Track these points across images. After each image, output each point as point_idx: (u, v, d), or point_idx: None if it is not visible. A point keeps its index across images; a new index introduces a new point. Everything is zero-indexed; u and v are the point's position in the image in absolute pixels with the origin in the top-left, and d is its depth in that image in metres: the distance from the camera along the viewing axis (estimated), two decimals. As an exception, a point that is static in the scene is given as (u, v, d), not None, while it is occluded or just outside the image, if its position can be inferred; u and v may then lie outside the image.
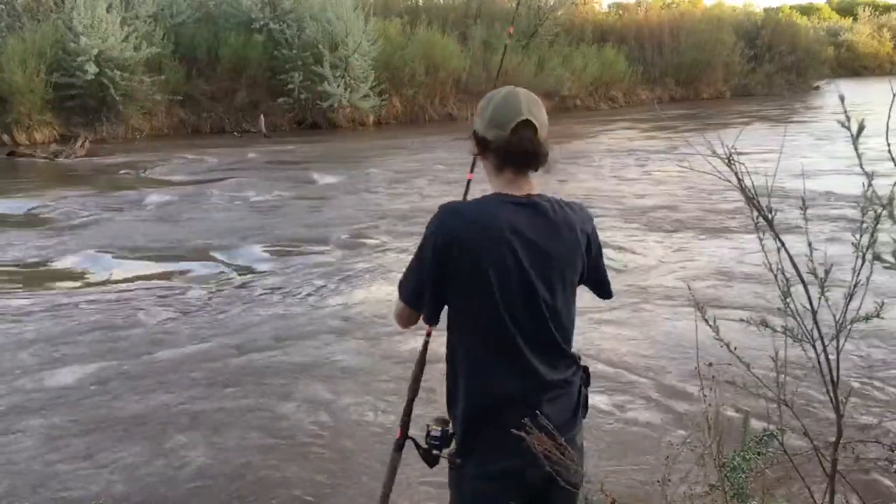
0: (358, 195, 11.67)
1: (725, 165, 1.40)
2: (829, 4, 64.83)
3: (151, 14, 22.67)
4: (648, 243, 8.06)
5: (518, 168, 1.76)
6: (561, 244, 1.76)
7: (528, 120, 1.71)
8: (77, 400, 4.40)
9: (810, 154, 13.98)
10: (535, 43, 28.88)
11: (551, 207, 1.77)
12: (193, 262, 7.73)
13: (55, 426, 4.06)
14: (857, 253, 1.24)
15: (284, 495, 3.38)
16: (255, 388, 4.54)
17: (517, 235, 1.71)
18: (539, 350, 1.75)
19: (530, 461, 1.61)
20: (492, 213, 1.73)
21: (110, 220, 10.09)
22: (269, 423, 4.08)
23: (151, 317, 5.93)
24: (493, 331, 1.72)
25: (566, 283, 1.78)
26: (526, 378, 1.74)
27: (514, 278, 1.71)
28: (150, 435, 3.95)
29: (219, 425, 4.05)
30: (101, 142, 19.58)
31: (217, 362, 4.97)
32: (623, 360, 4.86)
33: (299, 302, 6.31)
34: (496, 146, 1.74)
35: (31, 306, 6.23)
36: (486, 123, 1.76)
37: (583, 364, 1.90)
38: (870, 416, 3.92)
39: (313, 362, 4.95)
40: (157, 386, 4.60)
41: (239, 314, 5.98)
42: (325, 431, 3.98)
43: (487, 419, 1.72)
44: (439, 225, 1.72)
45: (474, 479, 1.74)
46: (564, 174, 12.74)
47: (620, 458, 3.62)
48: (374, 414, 4.15)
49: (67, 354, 5.13)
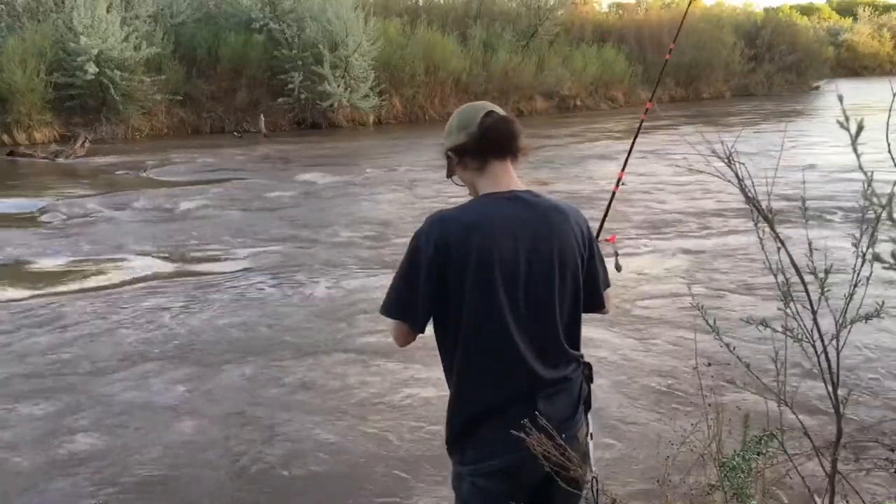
0: (358, 195, 11.67)
1: (725, 165, 1.40)
2: (829, 4, 64.86)
3: (151, 14, 22.69)
4: (648, 242, 8.06)
5: (499, 154, 1.77)
6: (557, 235, 1.74)
7: (491, 110, 1.79)
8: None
9: (810, 154, 13.99)
10: (535, 43, 28.89)
11: (542, 199, 1.78)
12: (193, 262, 7.73)
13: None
14: (857, 253, 1.24)
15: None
16: (255, 388, 4.54)
17: (511, 231, 1.70)
18: (540, 350, 1.74)
19: (526, 458, 1.61)
20: (482, 212, 1.72)
21: (110, 219, 10.09)
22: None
23: (151, 316, 5.92)
24: (493, 334, 1.70)
25: (567, 278, 1.76)
26: (523, 380, 1.72)
27: (513, 276, 1.69)
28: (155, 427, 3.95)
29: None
30: (101, 142, 19.59)
31: (213, 360, 4.97)
32: (623, 359, 4.86)
33: (299, 301, 6.31)
34: (472, 141, 1.76)
35: (31, 306, 6.23)
36: (455, 133, 1.80)
37: (585, 360, 1.88)
38: (870, 416, 3.92)
39: (313, 362, 4.96)
40: (144, 383, 4.60)
41: (239, 313, 5.98)
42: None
43: (485, 419, 1.72)
44: (429, 233, 1.70)
45: (473, 476, 1.74)
46: (565, 174, 12.75)
47: (620, 458, 3.62)
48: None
49: (66, 354, 5.13)
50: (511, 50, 27.64)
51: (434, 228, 1.70)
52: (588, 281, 1.82)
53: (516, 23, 29.29)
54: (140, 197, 11.61)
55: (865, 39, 52.22)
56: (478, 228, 1.69)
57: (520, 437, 1.58)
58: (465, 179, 1.83)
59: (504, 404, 1.70)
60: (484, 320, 1.70)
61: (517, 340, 1.71)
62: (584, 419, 1.86)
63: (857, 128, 1.16)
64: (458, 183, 1.86)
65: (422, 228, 1.73)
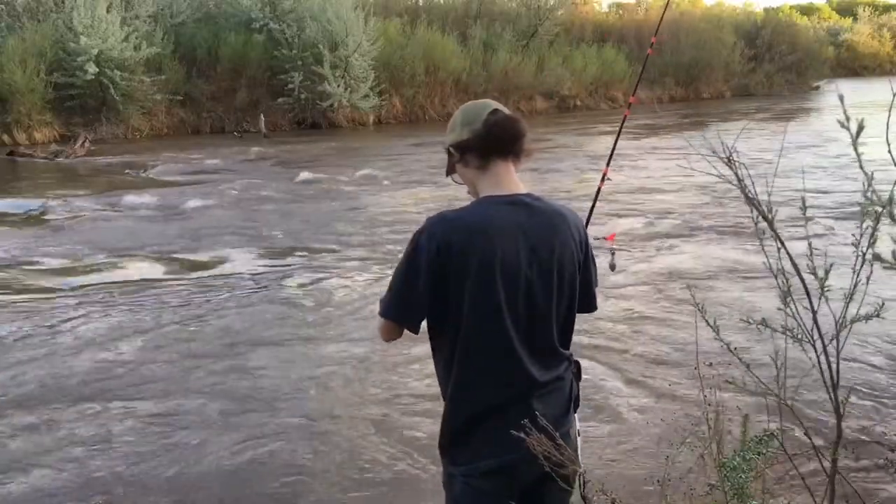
0: (358, 195, 11.68)
1: (726, 166, 1.40)
2: (829, 4, 64.87)
3: (151, 14, 22.70)
4: (648, 242, 8.06)
5: (503, 153, 1.76)
6: (557, 239, 1.75)
7: (496, 108, 1.78)
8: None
9: (810, 154, 13.99)
10: (535, 43, 28.90)
11: (543, 204, 1.78)
12: (193, 262, 7.73)
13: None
14: (857, 253, 1.24)
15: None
16: (254, 387, 4.54)
17: (513, 235, 1.70)
18: (535, 352, 1.74)
19: (522, 458, 1.61)
20: (483, 214, 1.72)
21: (109, 219, 10.09)
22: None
23: (150, 317, 5.92)
24: (493, 335, 1.71)
25: (565, 282, 1.77)
26: (518, 382, 1.73)
27: (513, 279, 1.70)
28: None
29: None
30: (101, 142, 19.59)
31: (213, 360, 4.97)
32: (623, 359, 4.86)
33: (299, 300, 6.31)
34: (475, 138, 1.75)
35: (32, 305, 6.23)
36: (458, 129, 1.78)
37: (574, 359, 1.89)
38: (870, 416, 3.92)
39: (312, 361, 4.96)
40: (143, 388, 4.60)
41: (237, 313, 5.98)
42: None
43: (484, 419, 1.72)
44: (431, 234, 1.68)
45: (467, 476, 1.74)
46: (564, 175, 12.75)
47: (620, 458, 3.62)
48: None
49: (62, 356, 5.13)
50: (511, 50, 27.66)
51: (436, 229, 1.69)
52: (584, 283, 1.83)
53: (516, 23, 29.30)
54: (140, 197, 11.61)
55: (865, 39, 52.23)
56: (480, 231, 1.68)
57: (518, 438, 1.58)
58: (466, 178, 1.81)
59: (503, 404, 1.71)
60: (483, 321, 1.70)
61: (515, 342, 1.71)
62: (573, 417, 1.87)
63: (858, 127, 1.16)
64: (458, 181, 1.84)
65: (423, 228, 1.71)
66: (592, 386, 4.40)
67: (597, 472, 3.16)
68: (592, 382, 4.45)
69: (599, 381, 4.48)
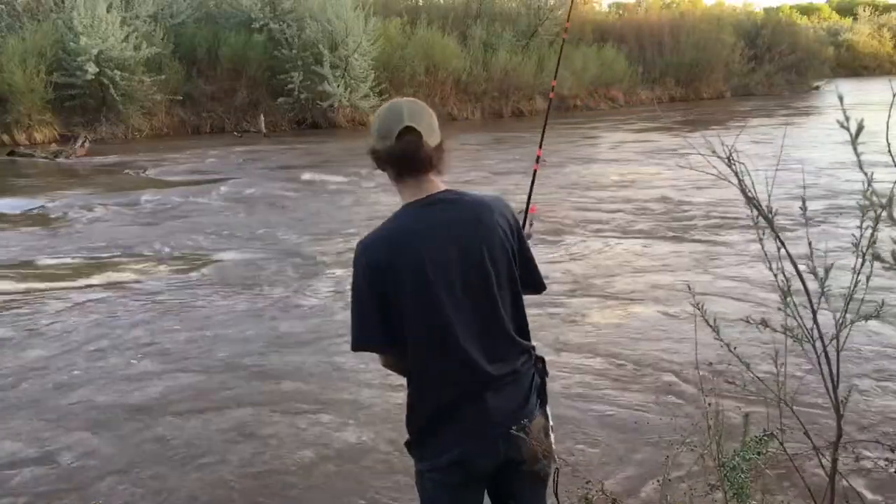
0: (359, 195, 11.67)
1: (725, 165, 1.40)
2: (829, 4, 64.81)
3: (151, 14, 22.67)
4: (648, 242, 8.06)
5: (411, 173, 1.80)
6: (482, 228, 1.80)
7: (410, 126, 1.76)
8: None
9: (810, 154, 13.98)
10: (535, 43, 28.88)
11: (460, 198, 1.82)
12: (193, 262, 7.73)
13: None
14: (857, 253, 1.24)
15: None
16: (253, 386, 4.54)
17: (438, 234, 1.76)
18: (487, 346, 1.80)
19: (476, 450, 1.77)
20: (405, 223, 1.79)
21: (110, 219, 10.09)
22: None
23: (150, 317, 5.92)
24: (439, 337, 1.77)
25: (502, 269, 1.82)
26: (473, 377, 1.79)
27: (447, 277, 1.75)
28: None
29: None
30: (101, 142, 19.58)
31: (215, 360, 4.97)
32: (622, 359, 4.86)
33: (299, 299, 6.31)
34: (386, 155, 1.80)
35: (30, 305, 6.23)
36: (375, 138, 1.82)
37: (538, 355, 1.94)
38: (870, 416, 3.92)
39: (311, 360, 4.96)
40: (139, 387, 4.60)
41: (237, 311, 5.98)
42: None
43: (440, 417, 1.81)
44: (359, 259, 1.79)
45: (431, 472, 1.83)
46: (564, 175, 12.74)
47: (620, 458, 3.62)
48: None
49: (62, 357, 5.13)
50: (511, 50, 27.62)
51: (364, 253, 1.80)
52: (523, 264, 1.89)
53: (516, 23, 29.26)
54: (140, 197, 11.61)
55: (865, 39, 52.16)
56: (405, 241, 1.76)
57: (468, 430, 1.75)
58: (389, 178, 1.87)
59: (456, 401, 1.79)
60: (427, 324, 1.76)
61: (462, 340, 1.77)
62: (542, 412, 1.91)
63: (857, 127, 1.16)
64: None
65: (355, 256, 1.82)
66: (589, 386, 4.40)
67: (596, 473, 3.16)
68: (589, 382, 4.45)
69: (596, 381, 4.48)
